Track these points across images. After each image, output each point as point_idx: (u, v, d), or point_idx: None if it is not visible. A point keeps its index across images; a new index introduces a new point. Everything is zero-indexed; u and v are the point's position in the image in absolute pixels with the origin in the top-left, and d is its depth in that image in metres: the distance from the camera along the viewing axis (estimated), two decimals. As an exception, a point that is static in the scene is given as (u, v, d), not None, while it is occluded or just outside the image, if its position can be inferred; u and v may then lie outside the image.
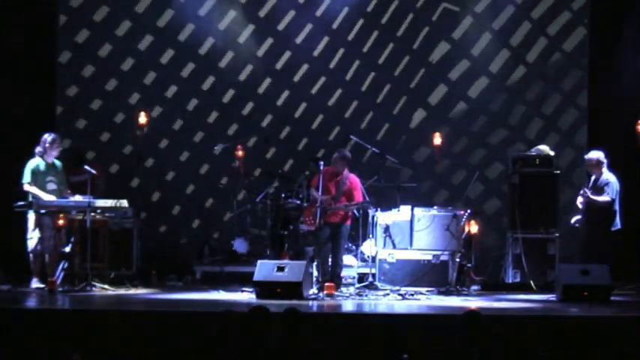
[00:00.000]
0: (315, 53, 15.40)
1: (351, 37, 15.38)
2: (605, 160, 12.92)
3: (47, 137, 13.01)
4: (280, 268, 12.06)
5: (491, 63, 15.28)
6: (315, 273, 12.60)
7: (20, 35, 14.94)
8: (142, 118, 14.61)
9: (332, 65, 15.40)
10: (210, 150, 14.98)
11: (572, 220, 13.09)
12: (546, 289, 12.81)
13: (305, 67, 15.42)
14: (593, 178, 13.01)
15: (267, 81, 15.43)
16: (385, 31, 15.37)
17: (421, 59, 15.35)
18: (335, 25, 15.36)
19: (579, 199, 12.96)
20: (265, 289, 11.91)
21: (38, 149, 12.98)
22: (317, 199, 12.72)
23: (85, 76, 15.36)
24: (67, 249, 12.65)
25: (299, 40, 15.39)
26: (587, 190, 12.79)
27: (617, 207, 12.83)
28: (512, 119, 15.26)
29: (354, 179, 13.00)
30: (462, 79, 15.30)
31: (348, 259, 13.56)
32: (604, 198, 12.80)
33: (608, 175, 12.90)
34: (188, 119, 15.43)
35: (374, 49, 15.38)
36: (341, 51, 15.38)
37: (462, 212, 13.27)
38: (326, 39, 15.38)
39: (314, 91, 15.43)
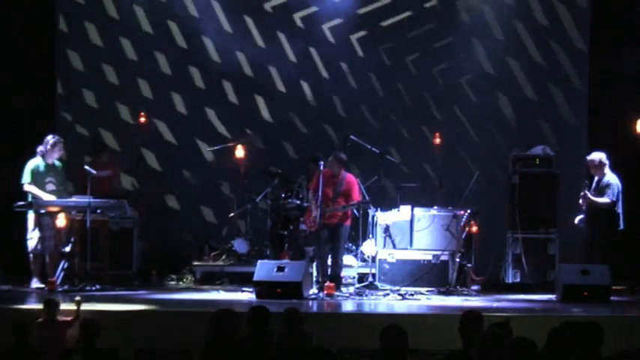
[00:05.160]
0: (316, 53, 15.41)
1: (352, 36, 15.40)
2: (606, 161, 12.91)
3: (50, 139, 13.03)
4: (280, 268, 12.07)
5: (492, 63, 15.27)
6: (315, 273, 12.61)
7: (21, 35, 14.95)
8: (142, 118, 14.64)
9: (332, 64, 15.41)
10: (210, 149, 14.99)
11: (576, 220, 13.08)
12: (546, 289, 12.81)
13: (305, 66, 15.42)
14: (595, 179, 13.01)
15: (268, 81, 15.42)
16: (386, 31, 15.37)
17: (422, 58, 15.35)
18: (335, 25, 15.38)
19: (580, 200, 12.96)
20: (265, 289, 11.92)
21: (40, 148, 13.00)
22: (312, 204, 12.72)
23: (85, 77, 15.37)
24: (67, 249, 12.66)
25: (299, 39, 15.40)
26: (587, 192, 12.78)
27: (619, 208, 12.82)
28: (513, 119, 15.26)
29: (351, 179, 12.97)
30: (462, 79, 15.29)
31: (348, 259, 13.56)
32: (604, 200, 12.78)
33: (610, 177, 12.88)
34: (188, 119, 15.42)
35: (375, 49, 15.38)
36: (342, 50, 15.39)
37: (462, 212, 13.27)
38: (327, 38, 15.40)
39: (314, 90, 15.43)
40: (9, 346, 8.09)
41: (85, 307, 9.92)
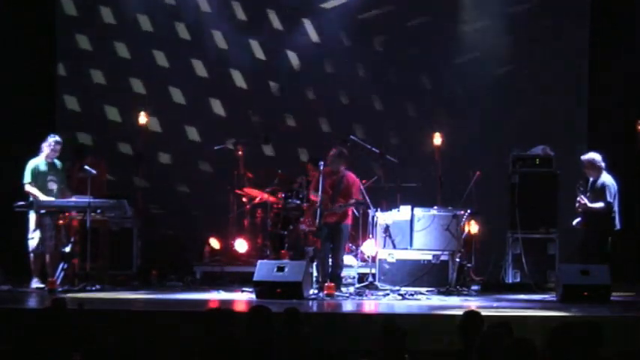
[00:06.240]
0: (315, 52, 15.42)
1: (351, 36, 15.41)
2: (602, 162, 12.87)
3: (50, 138, 13.03)
4: (280, 268, 12.06)
5: (492, 63, 15.28)
6: (315, 273, 12.60)
7: (20, 36, 14.96)
8: (142, 118, 14.65)
9: (331, 64, 15.42)
10: (210, 149, 14.99)
11: (574, 223, 13.07)
12: (546, 289, 12.81)
13: (304, 66, 15.43)
14: (590, 179, 12.98)
15: (267, 81, 15.44)
16: (385, 31, 15.38)
17: (421, 58, 15.36)
18: (335, 25, 15.40)
19: (577, 204, 12.95)
20: (265, 289, 11.91)
21: (42, 145, 13.00)
22: (314, 200, 12.69)
23: (84, 79, 15.39)
24: (67, 249, 12.67)
25: (298, 38, 15.42)
26: (583, 198, 12.75)
27: (615, 208, 12.81)
28: (512, 119, 15.26)
29: (351, 177, 12.91)
30: (462, 79, 15.30)
31: (348, 259, 13.55)
32: (598, 205, 12.73)
33: (605, 177, 12.84)
34: (188, 119, 15.44)
35: (374, 49, 15.39)
36: (340, 50, 15.40)
37: (462, 212, 13.27)
38: (325, 38, 15.42)
39: (313, 90, 15.44)
40: (9, 346, 8.08)
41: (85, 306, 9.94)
